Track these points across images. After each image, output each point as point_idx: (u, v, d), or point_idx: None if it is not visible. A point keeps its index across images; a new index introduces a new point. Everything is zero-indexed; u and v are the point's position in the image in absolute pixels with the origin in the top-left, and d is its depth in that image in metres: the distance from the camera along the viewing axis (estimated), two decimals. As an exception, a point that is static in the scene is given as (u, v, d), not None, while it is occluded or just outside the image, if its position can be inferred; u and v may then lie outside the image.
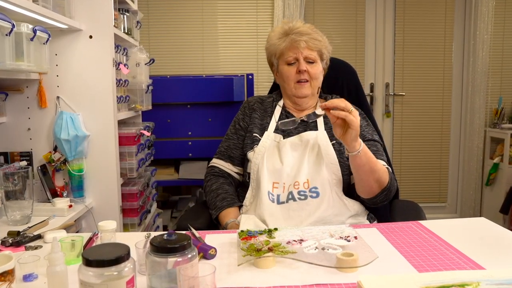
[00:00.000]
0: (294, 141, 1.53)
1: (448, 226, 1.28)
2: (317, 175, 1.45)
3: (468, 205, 3.68)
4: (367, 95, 3.61)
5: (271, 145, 1.55)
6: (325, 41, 1.60)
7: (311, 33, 1.56)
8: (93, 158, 1.80)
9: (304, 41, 1.54)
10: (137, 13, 2.35)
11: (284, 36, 1.57)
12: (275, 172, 1.49)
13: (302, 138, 1.52)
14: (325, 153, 1.48)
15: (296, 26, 1.57)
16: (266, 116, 1.64)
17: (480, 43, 3.48)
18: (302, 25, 1.58)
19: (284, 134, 1.57)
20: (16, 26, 1.36)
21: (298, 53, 1.54)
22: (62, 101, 1.76)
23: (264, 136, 1.57)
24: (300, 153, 1.50)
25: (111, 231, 1.09)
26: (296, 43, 1.54)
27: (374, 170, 1.37)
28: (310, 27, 1.59)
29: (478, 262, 1.01)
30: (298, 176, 1.46)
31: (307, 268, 0.98)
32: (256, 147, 1.55)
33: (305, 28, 1.57)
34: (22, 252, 1.14)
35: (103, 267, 0.72)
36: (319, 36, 1.58)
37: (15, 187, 1.42)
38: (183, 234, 0.85)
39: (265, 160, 1.51)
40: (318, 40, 1.56)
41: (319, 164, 1.47)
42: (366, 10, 3.59)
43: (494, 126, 3.56)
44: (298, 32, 1.55)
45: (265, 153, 1.52)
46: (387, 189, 1.43)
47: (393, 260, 1.03)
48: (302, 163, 1.47)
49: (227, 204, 1.53)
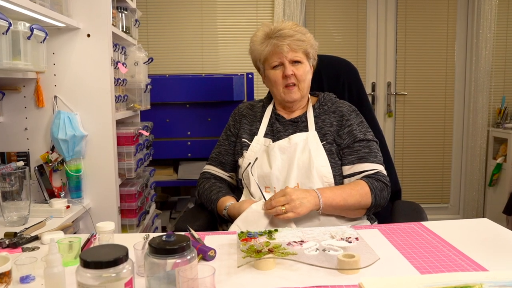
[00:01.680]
0: (283, 144, 1.52)
1: (450, 227, 1.28)
2: (307, 180, 1.45)
3: (471, 206, 3.68)
4: (369, 95, 3.60)
5: (261, 149, 1.55)
6: (310, 39, 1.56)
7: (293, 35, 1.51)
8: (91, 158, 1.80)
9: (287, 45, 1.50)
10: (136, 11, 2.35)
11: (266, 40, 1.54)
12: (265, 177, 1.49)
13: (291, 141, 1.51)
14: (315, 155, 1.47)
15: (277, 28, 1.53)
16: (255, 121, 1.64)
17: (483, 42, 3.48)
18: (283, 25, 1.54)
19: (274, 137, 1.57)
20: (13, 24, 1.36)
21: (282, 57, 1.51)
22: (60, 101, 1.76)
23: (253, 141, 1.57)
24: (289, 156, 1.49)
25: (109, 232, 1.09)
26: (279, 48, 1.50)
27: (348, 205, 1.40)
28: (292, 26, 1.54)
29: (481, 263, 1.01)
30: (288, 181, 1.45)
31: (307, 270, 0.98)
32: (246, 152, 1.55)
33: (286, 30, 1.52)
34: (19, 254, 1.14)
35: (101, 269, 0.72)
36: (302, 35, 1.54)
37: (12, 188, 1.42)
38: (182, 235, 0.85)
39: (255, 166, 1.50)
40: (301, 41, 1.52)
41: (309, 168, 1.45)
42: (368, 7, 3.59)
43: (497, 126, 3.56)
44: (280, 35, 1.51)
45: (255, 158, 1.52)
46: (373, 206, 1.45)
47: (395, 262, 1.03)
48: (292, 166, 1.47)
49: (222, 194, 1.53)
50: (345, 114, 1.57)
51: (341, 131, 1.54)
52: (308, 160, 1.47)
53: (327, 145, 1.51)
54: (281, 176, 1.48)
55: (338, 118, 1.56)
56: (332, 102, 1.62)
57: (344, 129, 1.54)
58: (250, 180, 1.48)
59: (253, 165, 1.49)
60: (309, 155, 1.47)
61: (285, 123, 1.59)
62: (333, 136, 1.53)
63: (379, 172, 1.49)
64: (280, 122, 1.60)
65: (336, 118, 1.57)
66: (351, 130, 1.54)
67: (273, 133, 1.58)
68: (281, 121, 1.60)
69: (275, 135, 1.57)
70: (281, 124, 1.59)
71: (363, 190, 1.42)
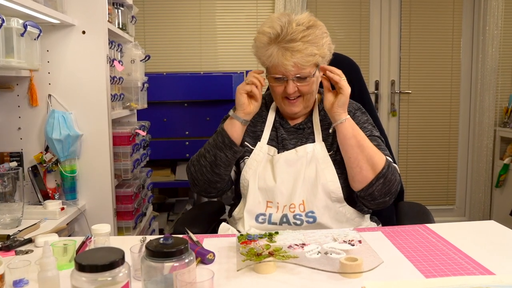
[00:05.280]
0: (290, 156, 1.44)
1: (456, 230, 1.28)
2: (314, 197, 1.39)
3: (477, 207, 3.68)
4: (372, 93, 3.61)
5: (264, 158, 1.47)
6: (324, 47, 1.39)
7: (303, 50, 1.34)
8: (86, 158, 1.80)
9: (293, 64, 1.35)
10: (132, 8, 2.35)
11: (271, 47, 1.37)
12: (268, 191, 1.42)
13: (298, 153, 1.44)
14: (322, 168, 1.41)
15: (287, 33, 1.35)
16: (259, 121, 1.55)
17: (490, 39, 3.48)
18: (294, 29, 1.35)
19: (278, 146, 1.49)
20: (5, 21, 1.36)
21: (286, 73, 1.38)
22: (54, 99, 1.76)
23: (256, 147, 1.49)
24: (296, 170, 1.42)
25: (105, 235, 1.09)
26: (283, 66, 1.35)
27: (363, 146, 1.35)
28: (303, 34, 1.35)
29: (487, 267, 1.00)
30: (294, 197, 1.39)
31: (309, 274, 0.98)
32: (247, 159, 1.48)
33: (297, 43, 1.34)
34: (12, 257, 1.14)
35: (97, 273, 0.72)
36: (315, 48, 1.36)
37: (4, 189, 1.42)
38: (180, 238, 0.85)
39: (257, 177, 1.43)
40: (312, 56, 1.35)
41: (315, 185, 1.40)
42: (371, 3, 3.59)
43: (504, 126, 3.56)
44: (287, 48, 1.34)
45: (257, 168, 1.45)
46: (383, 175, 1.34)
47: (399, 265, 1.03)
48: (297, 181, 1.40)
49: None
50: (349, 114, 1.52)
51: None
52: (314, 175, 1.41)
53: (334, 154, 1.44)
54: (286, 191, 1.40)
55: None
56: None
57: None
58: (249, 191, 1.43)
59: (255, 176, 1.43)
60: (316, 169, 1.41)
61: (289, 129, 1.53)
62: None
63: (387, 157, 1.42)
64: (285, 128, 1.53)
65: None
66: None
67: (277, 141, 1.50)
68: (285, 127, 1.53)
69: (280, 143, 1.50)
70: (286, 130, 1.52)
71: (377, 150, 1.39)
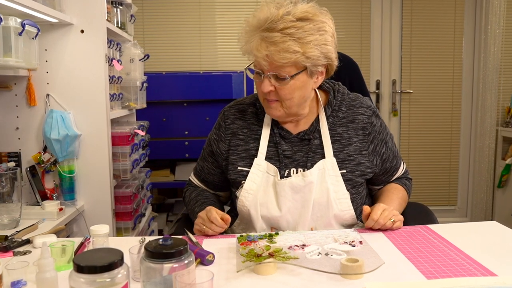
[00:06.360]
0: (296, 182, 1.29)
1: (458, 230, 1.28)
2: (324, 226, 1.31)
3: (479, 208, 3.68)
4: (373, 93, 3.61)
5: (263, 179, 1.32)
6: (311, 45, 1.19)
7: (278, 43, 1.16)
8: (85, 159, 1.80)
9: (265, 56, 1.17)
10: (131, 6, 2.35)
11: (254, 33, 1.21)
12: (272, 219, 1.31)
13: (306, 178, 1.28)
14: (334, 193, 1.29)
15: (270, 21, 1.18)
16: (250, 138, 1.37)
17: (492, 38, 3.48)
18: (277, 18, 1.18)
19: (280, 164, 1.32)
20: (3, 20, 1.36)
21: (261, 66, 1.22)
22: (52, 99, 1.76)
23: (253, 165, 1.32)
24: (303, 196, 1.29)
25: (103, 236, 1.09)
26: (256, 57, 1.21)
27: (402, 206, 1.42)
28: (286, 25, 1.17)
29: (489, 268, 1.00)
30: (301, 225, 1.30)
31: (309, 275, 0.98)
32: (244, 183, 1.33)
33: (274, 34, 1.16)
34: (10, 258, 1.14)
35: (95, 274, 0.72)
36: (296, 43, 1.16)
37: (2, 190, 1.42)
38: (179, 239, 0.85)
39: (258, 205, 1.31)
40: (290, 53, 1.16)
41: (327, 215, 1.30)
42: (372, 2, 3.58)
43: (506, 125, 3.56)
44: (264, 37, 1.18)
45: (257, 193, 1.31)
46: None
47: (400, 266, 1.03)
48: (306, 209, 1.29)
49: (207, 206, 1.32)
50: (366, 126, 1.36)
51: (364, 149, 1.35)
52: (326, 202, 1.29)
53: (348, 174, 1.32)
54: (293, 220, 1.30)
55: (358, 131, 1.35)
56: (347, 106, 1.37)
57: (368, 146, 1.36)
58: (251, 219, 1.33)
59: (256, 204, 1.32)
60: (328, 195, 1.29)
61: (292, 140, 1.35)
62: (356, 159, 1.34)
63: (405, 170, 1.53)
64: (287, 140, 1.35)
65: (355, 132, 1.35)
66: (375, 149, 1.38)
67: (278, 157, 1.33)
68: (287, 138, 1.35)
69: (282, 161, 1.32)
70: (288, 142, 1.35)
71: (404, 195, 1.45)
